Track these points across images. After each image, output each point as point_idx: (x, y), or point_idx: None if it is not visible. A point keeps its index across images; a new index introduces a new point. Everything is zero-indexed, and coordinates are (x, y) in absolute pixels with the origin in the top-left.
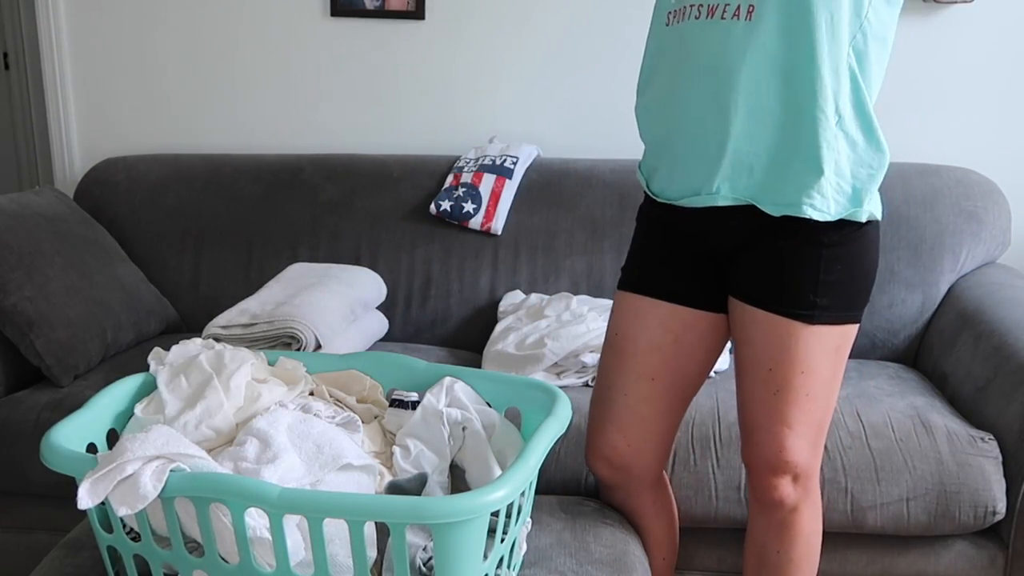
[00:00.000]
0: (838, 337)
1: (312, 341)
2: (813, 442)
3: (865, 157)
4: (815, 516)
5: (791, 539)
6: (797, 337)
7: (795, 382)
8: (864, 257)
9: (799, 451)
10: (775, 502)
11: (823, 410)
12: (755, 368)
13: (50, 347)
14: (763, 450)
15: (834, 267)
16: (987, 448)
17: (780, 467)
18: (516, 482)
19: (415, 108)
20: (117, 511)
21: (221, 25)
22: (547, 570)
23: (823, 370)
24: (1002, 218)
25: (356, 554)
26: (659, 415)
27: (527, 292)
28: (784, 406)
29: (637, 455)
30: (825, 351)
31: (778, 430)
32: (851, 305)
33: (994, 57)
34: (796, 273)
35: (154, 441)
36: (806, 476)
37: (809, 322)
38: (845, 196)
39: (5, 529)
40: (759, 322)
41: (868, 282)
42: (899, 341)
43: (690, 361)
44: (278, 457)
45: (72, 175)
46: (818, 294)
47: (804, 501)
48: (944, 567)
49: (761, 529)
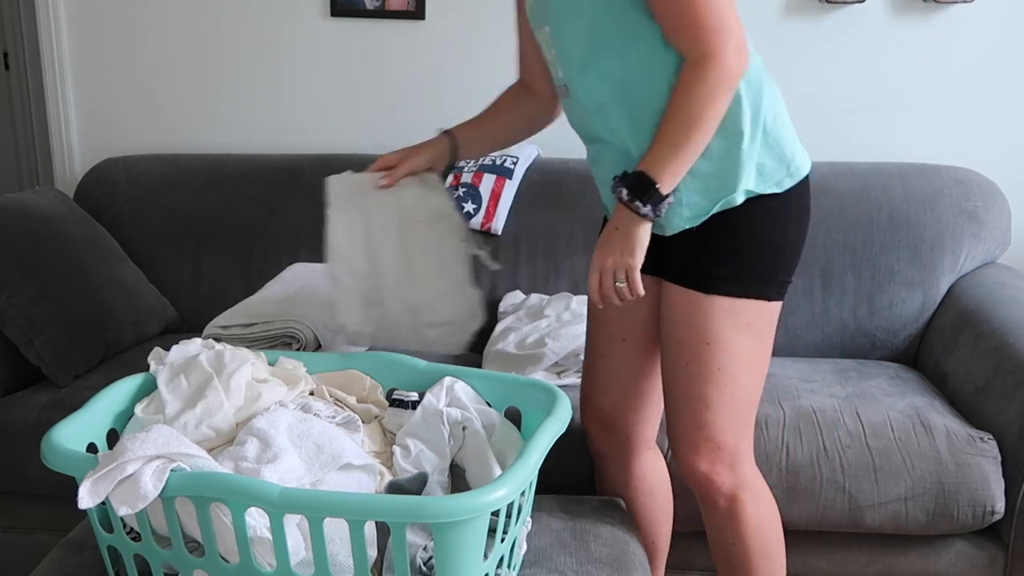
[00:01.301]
0: (748, 313)
1: (312, 341)
2: (735, 423)
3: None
4: (761, 506)
5: (739, 529)
6: (697, 306)
7: (703, 354)
8: (761, 229)
9: (720, 430)
10: (709, 489)
11: (743, 389)
12: (668, 341)
13: (50, 347)
14: (684, 427)
15: (721, 237)
16: (986, 448)
17: (701, 446)
18: (516, 482)
19: (415, 108)
20: (118, 511)
21: (221, 25)
22: (547, 570)
23: (732, 345)
24: (1002, 218)
25: (356, 553)
26: (634, 376)
27: (527, 292)
28: (698, 381)
29: (620, 416)
30: (733, 325)
31: (695, 407)
32: (753, 278)
33: (994, 57)
34: (692, 246)
35: (154, 441)
36: (736, 461)
37: (706, 291)
38: (705, 196)
39: (5, 529)
40: (670, 295)
41: (773, 256)
42: (899, 341)
43: (655, 324)
44: (278, 457)
45: (72, 175)
46: (712, 264)
47: (743, 490)
48: (944, 567)
49: (713, 522)
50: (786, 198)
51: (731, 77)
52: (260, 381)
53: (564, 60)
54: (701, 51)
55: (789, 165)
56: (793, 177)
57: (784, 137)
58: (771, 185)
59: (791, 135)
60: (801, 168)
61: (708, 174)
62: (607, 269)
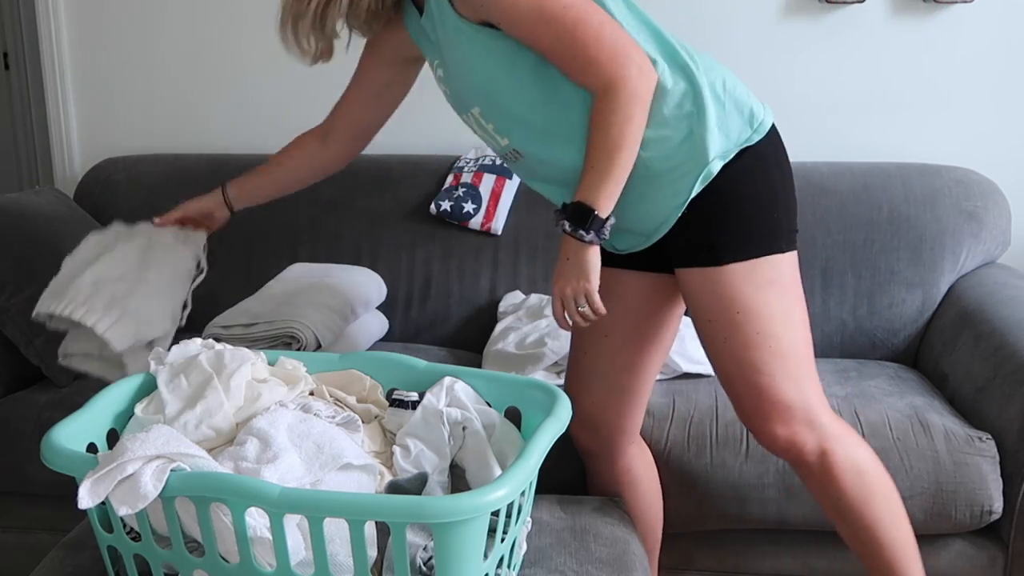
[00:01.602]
0: (766, 271)
1: (312, 341)
2: (795, 378)
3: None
4: (851, 450)
5: (840, 482)
6: (715, 281)
7: (737, 324)
8: (746, 186)
9: (782, 391)
10: (795, 453)
11: (789, 344)
12: (701, 325)
13: (50, 347)
14: (747, 401)
15: (712, 207)
16: (984, 448)
17: (769, 411)
18: (516, 482)
19: (415, 108)
20: (118, 511)
21: (221, 25)
22: (547, 570)
23: (763, 307)
24: (1002, 218)
25: (356, 553)
26: (617, 372)
27: (527, 292)
28: (742, 351)
29: (602, 414)
30: (755, 287)
31: (750, 376)
32: (759, 236)
33: (994, 57)
34: (690, 226)
35: (154, 441)
36: (808, 414)
37: (717, 264)
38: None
39: (5, 529)
40: (686, 280)
41: (768, 209)
42: (899, 341)
43: (639, 319)
44: (278, 457)
45: (72, 175)
46: (710, 235)
47: (828, 441)
48: (944, 567)
49: (813, 484)
50: (760, 150)
51: (641, 97)
52: (260, 381)
53: (507, 131)
54: (604, 83)
55: (751, 120)
56: (759, 131)
57: (738, 97)
58: (740, 143)
59: (744, 93)
60: (764, 121)
61: (680, 160)
62: (567, 297)
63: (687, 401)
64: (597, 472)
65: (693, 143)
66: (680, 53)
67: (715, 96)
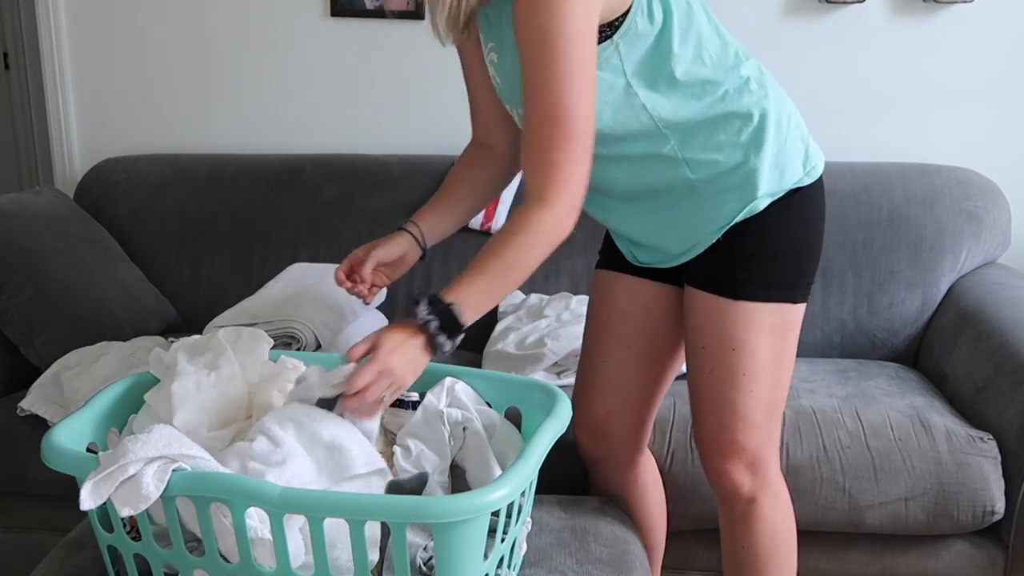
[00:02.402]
0: (772, 317)
1: (312, 341)
2: (762, 427)
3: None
4: (778, 509)
5: (753, 532)
6: (723, 313)
7: (728, 360)
8: (784, 232)
9: (745, 433)
10: (730, 491)
11: (768, 393)
12: (693, 347)
13: (50, 347)
14: (708, 431)
15: (746, 242)
16: (986, 448)
17: (727, 449)
18: (516, 482)
19: (415, 108)
20: (120, 512)
21: (221, 25)
22: (547, 570)
23: (757, 350)
24: (1002, 218)
25: (357, 554)
26: (636, 382)
27: (527, 292)
28: (723, 386)
29: (616, 422)
30: (757, 330)
31: (720, 411)
32: (779, 282)
33: (994, 57)
34: (718, 251)
35: (156, 442)
36: (760, 464)
37: (732, 297)
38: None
39: (5, 529)
40: (693, 300)
41: (797, 258)
42: (899, 341)
43: (662, 330)
44: (286, 461)
45: (72, 175)
46: (735, 269)
47: (762, 492)
48: (944, 567)
49: (726, 523)
50: (806, 196)
51: (558, 233)
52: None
53: None
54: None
55: (805, 162)
56: (811, 175)
57: (799, 135)
58: (791, 184)
59: (805, 132)
60: (817, 165)
61: (725, 187)
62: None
63: (687, 402)
64: (602, 479)
65: (745, 173)
66: (763, 73)
67: (778, 130)
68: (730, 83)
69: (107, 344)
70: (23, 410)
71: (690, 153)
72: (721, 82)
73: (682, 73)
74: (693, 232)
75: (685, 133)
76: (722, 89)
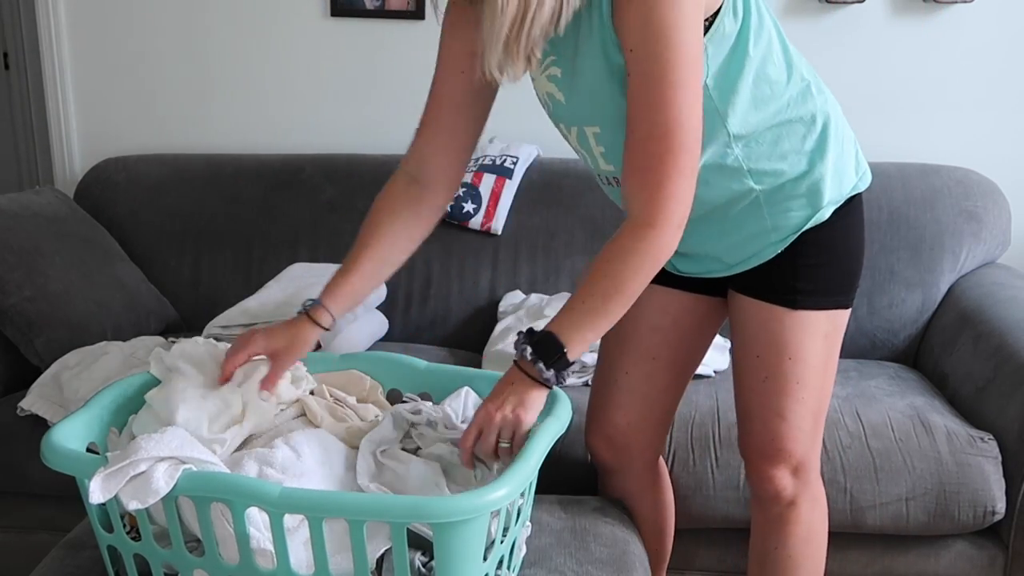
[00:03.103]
0: (826, 323)
1: None
2: (809, 432)
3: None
4: (815, 512)
5: (788, 534)
6: (782, 323)
7: (783, 369)
8: (842, 240)
9: (793, 440)
10: (772, 495)
11: (816, 399)
12: (745, 355)
13: (50, 347)
14: (757, 439)
15: (809, 251)
16: (987, 448)
17: (775, 456)
18: (516, 482)
19: (415, 108)
20: (127, 505)
21: (221, 25)
22: (547, 570)
23: (811, 357)
24: (1002, 218)
25: (356, 555)
26: (659, 393)
27: (527, 292)
28: (775, 394)
29: (637, 433)
30: (812, 337)
31: (770, 418)
32: (836, 289)
33: (994, 57)
34: (776, 260)
35: (168, 443)
36: (804, 468)
37: (792, 307)
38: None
39: (5, 529)
40: (747, 309)
41: (852, 264)
42: (899, 341)
43: (689, 341)
44: (304, 475)
45: (72, 175)
46: (798, 278)
47: (803, 495)
48: (944, 567)
49: (760, 525)
50: (858, 203)
51: (664, 254)
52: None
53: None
54: (648, 219)
55: (857, 167)
56: (863, 180)
57: (851, 139)
58: (848, 192)
59: (852, 135)
60: (867, 171)
61: (790, 196)
62: (493, 424)
63: (688, 403)
64: (617, 487)
65: (810, 182)
66: (813, 79)
67: (837, 134)
68: (794, 87)
69: (107, 344)
70: (23, 410)
71: (754, 163)
72: (786, 85)
73: (754, 76)
74: (754, 242)
75: (750, 142)
76: (788, 94)
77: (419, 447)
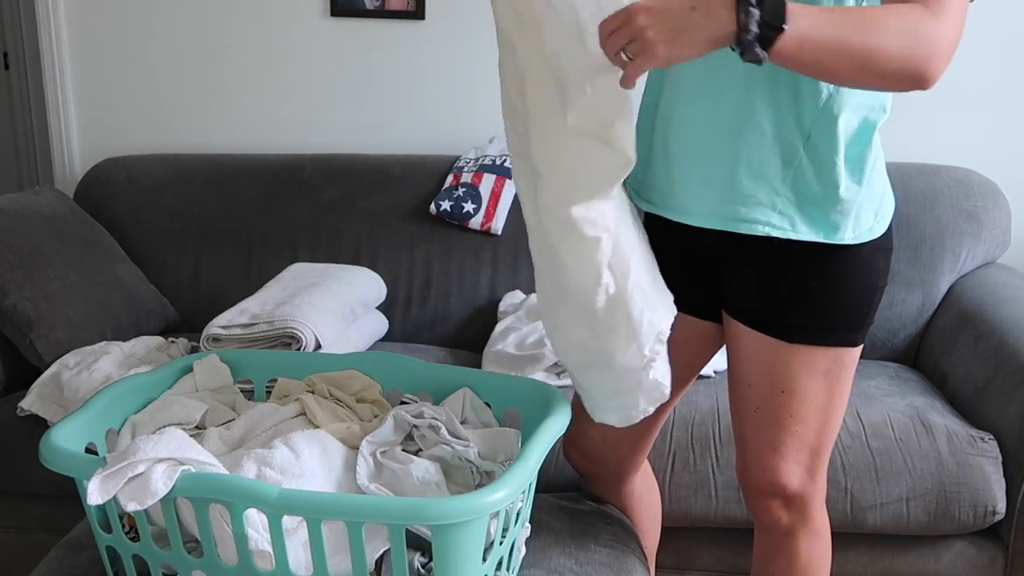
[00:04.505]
0: (828, 361)
1: (312, 341)
2: (807, 468)
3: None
4: (815, 545)
5: (787, 565)
6: (776, 355)
7: (775, 402)
8: (851, 278)
9: (786, 473)
10: (768, 523)
11: (816, 435)
12: (737, 382)
13: (50, 347)
14: (751, 469)
15: (809, 284)
16: (987, 448)
17: (767, 489)
18: (516, 483)
19: (415, 108)
20: (126, 506)
21: (221, 25)
22: (547, 570)
23: (809, 393)
24: (1002, 218)
25: (355, 556)
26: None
27: (527, 292)
28: (768, 426)
29: (613, 450)
30: (810, 373)
31: (763, 449)
32: (836, 327)
33: (994, 56)
34: (772, 289)
35: (167, 444)
36: (800, 503)
37: (788, 340)
38: (813, 221)
39: (5, 529)
40: (741, 336)
41: (858, 305)
42: (899, 341)
43: (688, 364)
44: (304, 476)
45: (72, 175)
46: (794, 312)
47: (800, 528)
48: (944, 567)
49: (761, 549)
50: (880, 242)
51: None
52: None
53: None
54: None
55: (881, 207)
56: (886, 219)
57: (884, 176)
58: (865, 231)
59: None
60: (891, 209)
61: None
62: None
63: (688, 403)
64: (595, 490)
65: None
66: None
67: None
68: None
69: (107, 344)
70: (23, 410)
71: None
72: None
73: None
74: (759, 189)
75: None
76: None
77: (420, 448)
